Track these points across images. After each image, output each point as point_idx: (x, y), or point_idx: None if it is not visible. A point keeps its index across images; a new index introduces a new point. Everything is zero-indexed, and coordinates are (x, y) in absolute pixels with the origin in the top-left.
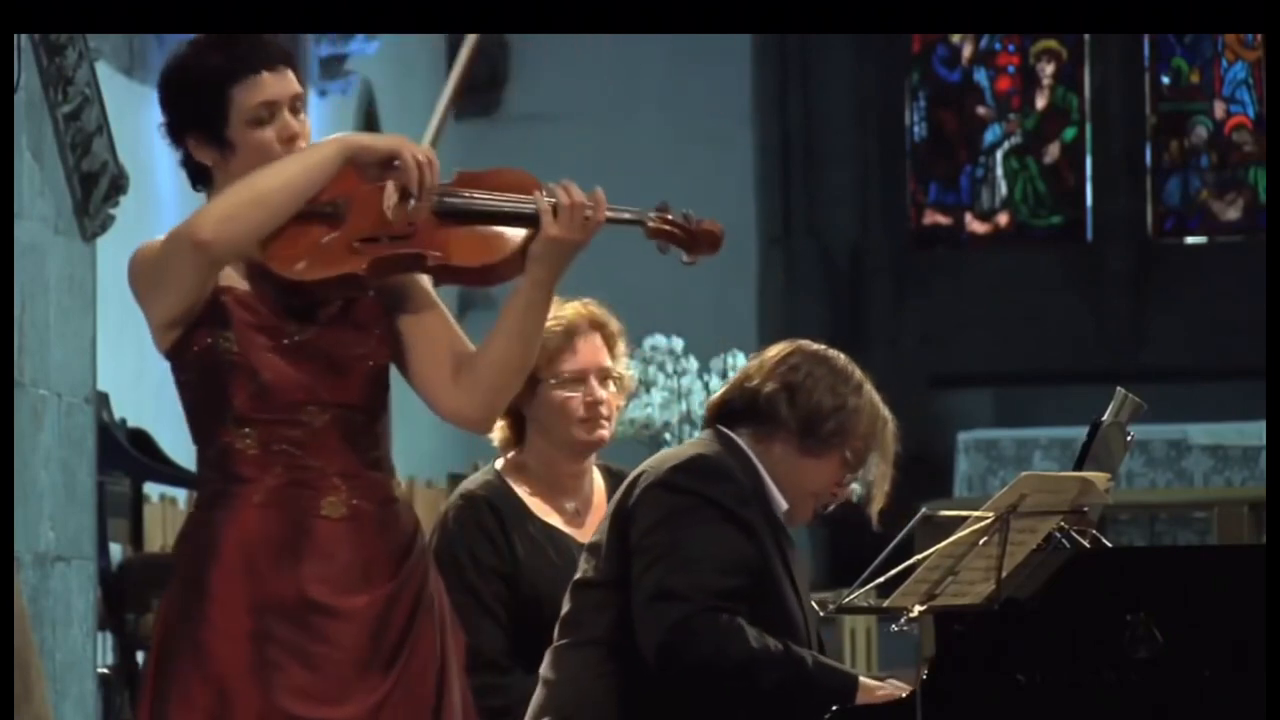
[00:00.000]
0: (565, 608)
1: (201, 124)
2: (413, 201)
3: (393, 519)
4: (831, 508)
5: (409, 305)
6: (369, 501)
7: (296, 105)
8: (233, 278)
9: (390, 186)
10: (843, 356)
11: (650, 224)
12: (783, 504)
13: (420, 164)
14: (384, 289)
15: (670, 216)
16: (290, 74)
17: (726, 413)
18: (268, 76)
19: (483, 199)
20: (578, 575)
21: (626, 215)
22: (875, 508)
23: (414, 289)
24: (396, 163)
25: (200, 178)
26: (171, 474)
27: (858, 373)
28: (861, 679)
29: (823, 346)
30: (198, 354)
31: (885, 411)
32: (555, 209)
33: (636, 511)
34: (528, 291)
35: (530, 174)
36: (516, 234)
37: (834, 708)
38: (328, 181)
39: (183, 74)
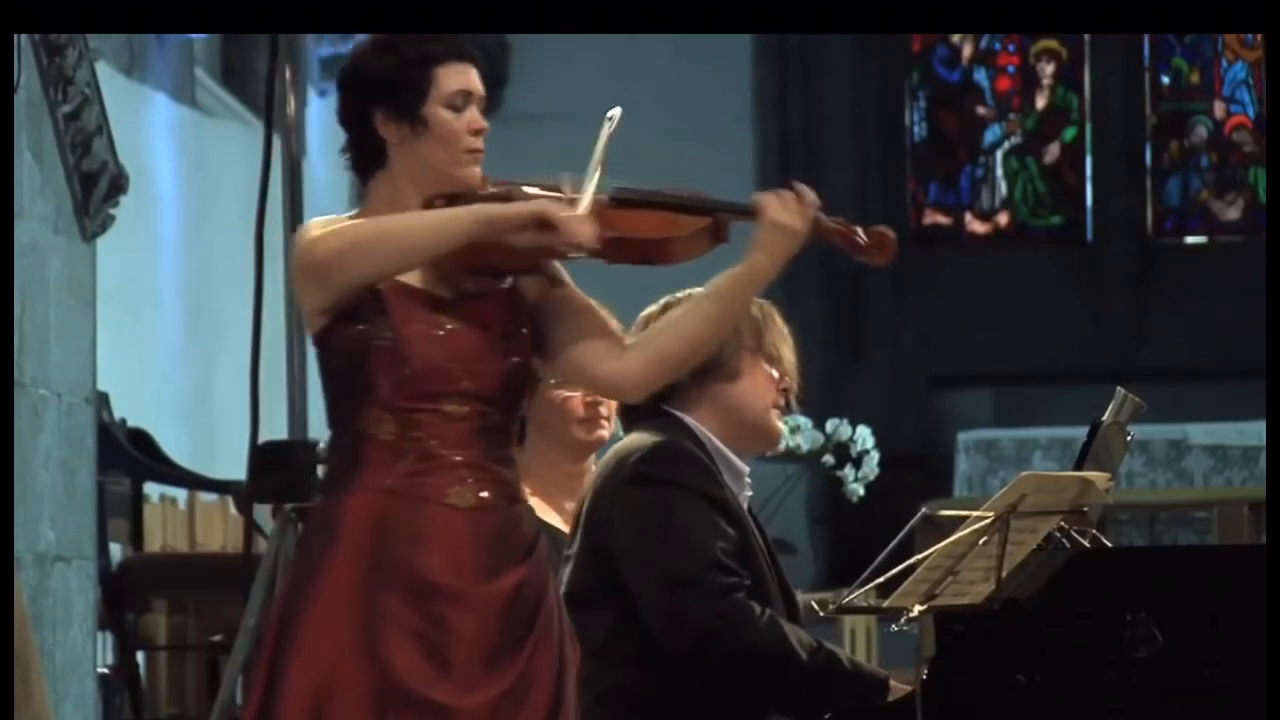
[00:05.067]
0: None
1: (398, 96)
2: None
3: (517, 518)
4: (791, 406)
5: (555, 288)
6: (496, 496)
7: (481, 107)
8: None
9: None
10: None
11: (824, 222)
12: (742, 467)
13: (569, 219)
14: (529, 283)
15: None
16: (479, 77)
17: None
18: (467, 68)
19: (659, 191)
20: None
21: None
22: (795, 388)
23: (556, 277)
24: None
25: (368, 161)
26: (171, 474)
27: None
28: (893, 683)
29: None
30: (349, 340)
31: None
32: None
33: (613, 514)
34: (742, 279)
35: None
36: (695, 219)
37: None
38: (453, 250)
39: (387, 47)
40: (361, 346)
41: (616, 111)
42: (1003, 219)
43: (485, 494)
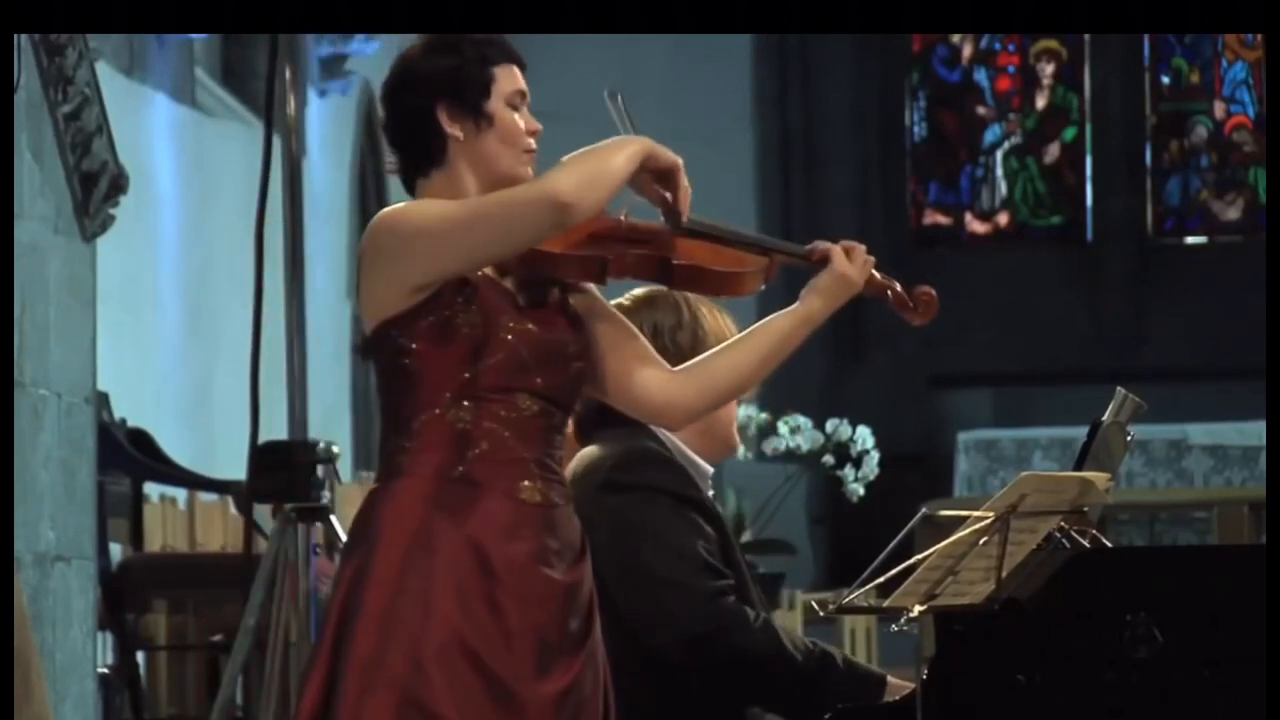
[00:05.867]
0: None
1: (462, 92)
2: (665, 221)
3: (570, 516)
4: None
5: (601, 314)
6: (557, 495)
7: (531, 110)
8: None
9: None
10: (672, 296)
11: (876, 279)
12: (707, 469)
13: (688, 191)
14: (575, 299)
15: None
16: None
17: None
18: (518, 70)
19: (721, 226)
20: None
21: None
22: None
23: (600, 304)
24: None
25: (425, 160)
26: (171, 474)
27: (686, 300)
28: (890, 680)
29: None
30: (433, 324)
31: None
32: (846, 251)
33: (591, 520)
34: (797, 320)
35: None
36: (757, 257)
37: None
38: (632, 176)
39: (444, 46)
40: (447, 334)
41: (615, 94)
42: (1003, 219)
43: (550, 491)
